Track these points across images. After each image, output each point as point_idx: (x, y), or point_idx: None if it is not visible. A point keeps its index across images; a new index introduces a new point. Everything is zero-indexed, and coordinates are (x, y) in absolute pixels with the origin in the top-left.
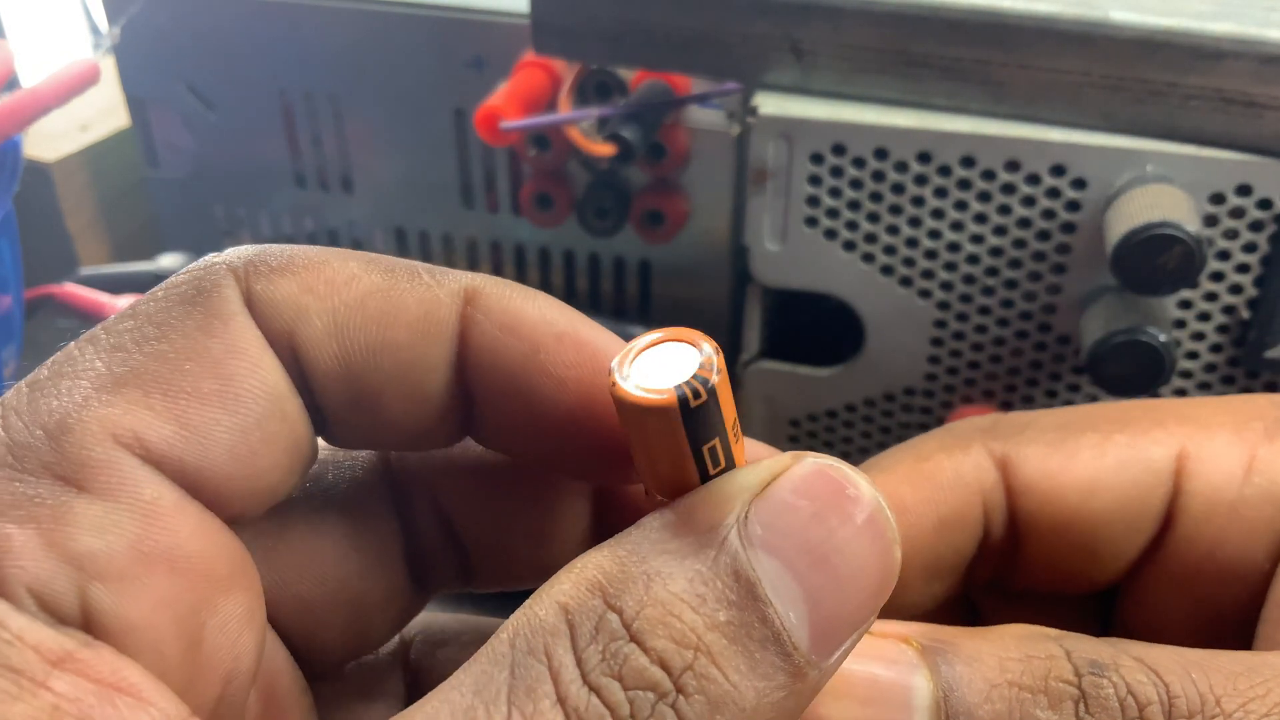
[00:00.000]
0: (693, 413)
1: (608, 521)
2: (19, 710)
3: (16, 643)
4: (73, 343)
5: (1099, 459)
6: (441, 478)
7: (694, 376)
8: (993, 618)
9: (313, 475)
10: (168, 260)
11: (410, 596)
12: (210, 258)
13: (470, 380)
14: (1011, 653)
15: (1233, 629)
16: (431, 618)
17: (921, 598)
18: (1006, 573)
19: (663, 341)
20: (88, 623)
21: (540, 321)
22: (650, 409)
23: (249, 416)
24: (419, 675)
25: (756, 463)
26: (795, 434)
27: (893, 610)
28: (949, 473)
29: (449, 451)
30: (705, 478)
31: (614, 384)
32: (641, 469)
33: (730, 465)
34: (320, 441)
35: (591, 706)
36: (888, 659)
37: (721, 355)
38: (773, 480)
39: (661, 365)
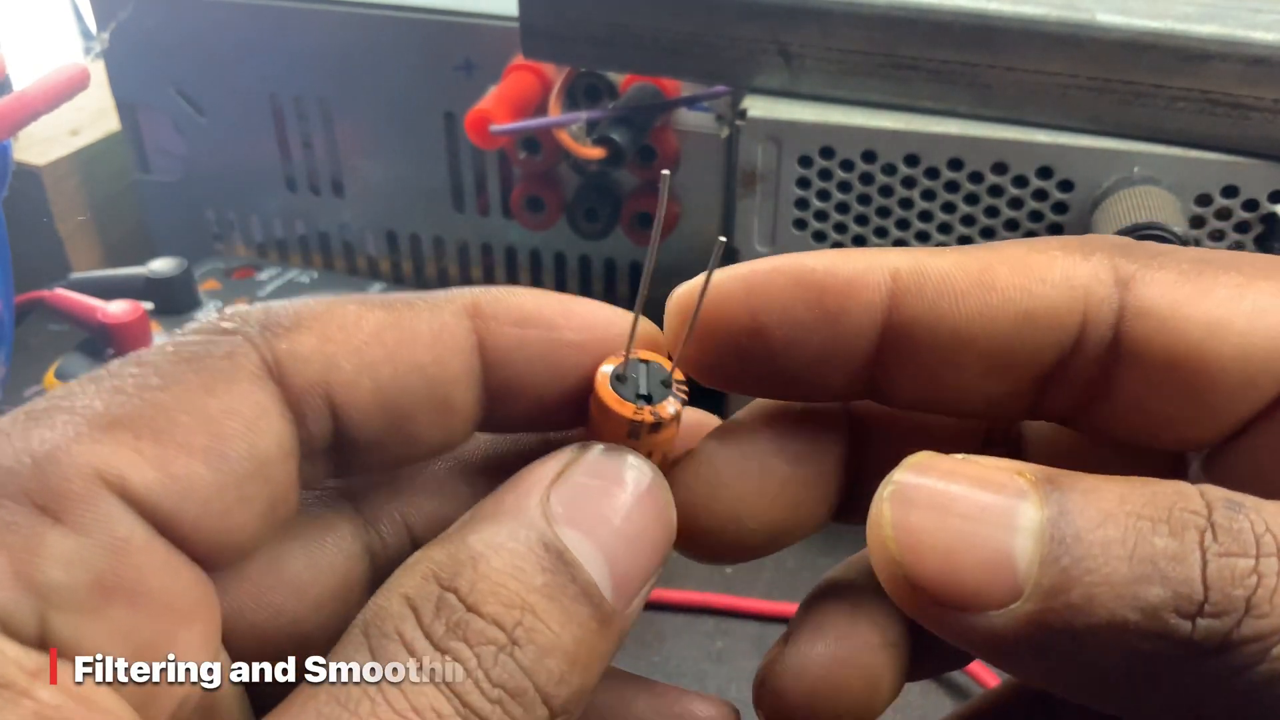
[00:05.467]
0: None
1: None
2: (9, 716)
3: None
4: (76, 380)
5: (1235, 300)
6: (407, 499)
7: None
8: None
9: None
10: (159, 264)
11: None
12: (220, 321)
13: (493, 381)
14: (1136, 488)
15: None
16: None
17: (970, 388)
18: (1086, 410)
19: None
20: (45, 647)
21: (543, 306)
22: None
23: (230, 476)
24: None
25: (552, 454)
26: None
27: (936, 389)
28: (1058, 270)
29: (410, 473)
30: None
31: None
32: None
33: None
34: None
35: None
36: (996, 484)
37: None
38: (566, 468)
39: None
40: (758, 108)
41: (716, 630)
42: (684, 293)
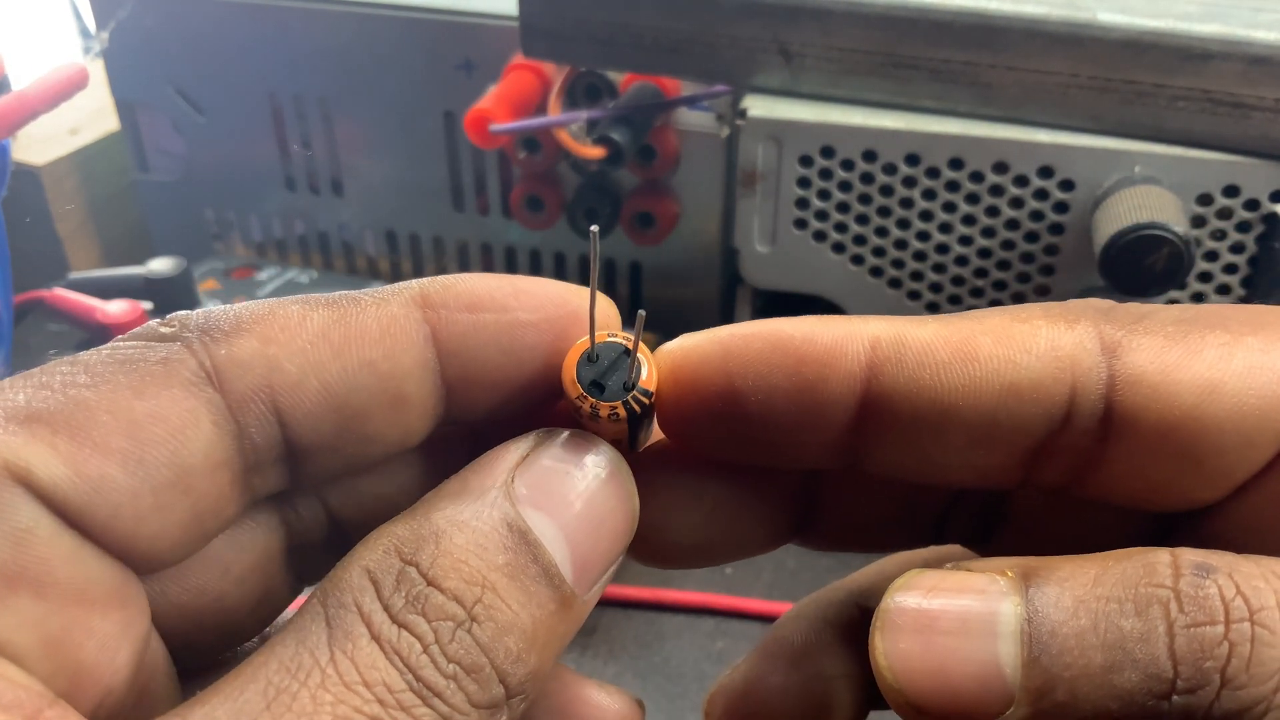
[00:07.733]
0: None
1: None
2: None
3: None
4: (8, 378)
5: (1225, 360)
6: (329, 477)
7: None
8: (1040, 533)
9: None
10: (158, 264)
11: (286, 592)
12: (159, 327)
13: (451, 370)
14: (1109, 566)
15: None
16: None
17: (955, 460)
18: (1079, 479)
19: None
20: None
21: (494, 289)
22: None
23: (146, 482)
24: None
25: (519, 437)
26: None
27: (919, 460)
28: (1043, 341)
29: (336, 449)
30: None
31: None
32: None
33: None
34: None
35: (403, 638)
36: (976, 590)
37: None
38: (532, 451)
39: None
40: (758, 107)
41: (716, 630)
42: (676, 348)
